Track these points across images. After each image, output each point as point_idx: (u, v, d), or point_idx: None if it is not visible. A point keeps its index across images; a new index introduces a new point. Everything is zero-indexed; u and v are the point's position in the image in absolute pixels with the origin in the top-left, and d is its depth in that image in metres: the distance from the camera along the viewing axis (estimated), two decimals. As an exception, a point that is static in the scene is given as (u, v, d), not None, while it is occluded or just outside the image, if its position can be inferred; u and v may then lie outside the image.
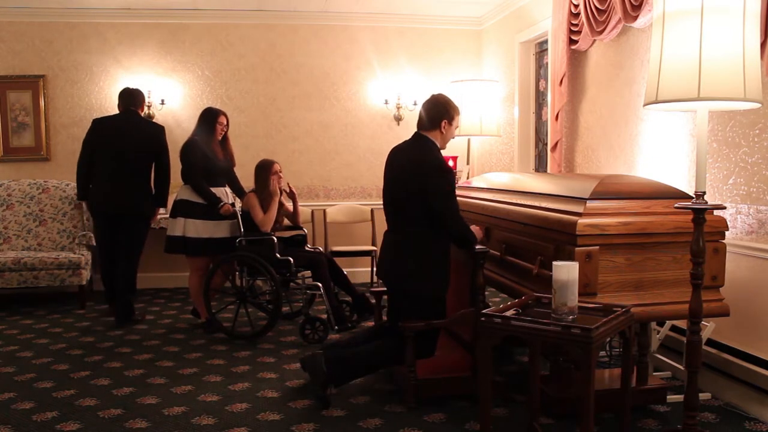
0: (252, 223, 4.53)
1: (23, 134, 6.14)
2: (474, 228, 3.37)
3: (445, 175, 3.18)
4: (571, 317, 2.35)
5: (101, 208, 4.89)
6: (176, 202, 4.63)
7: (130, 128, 4.82)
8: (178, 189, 4.72)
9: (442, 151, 3.32)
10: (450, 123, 3.30)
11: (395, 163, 3.37)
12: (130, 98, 4.90)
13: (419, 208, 3.19)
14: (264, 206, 4.54)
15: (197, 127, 4.71)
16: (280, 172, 4.67)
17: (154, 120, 6.13)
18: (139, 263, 5.09)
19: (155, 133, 4.92)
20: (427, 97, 3.38)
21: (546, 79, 5.48)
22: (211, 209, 4.56)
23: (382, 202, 3.48)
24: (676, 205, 2.55)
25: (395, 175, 3.33)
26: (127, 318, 4.91)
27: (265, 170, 4.63)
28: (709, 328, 3.09)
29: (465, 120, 5.36)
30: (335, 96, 6.48)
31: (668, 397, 3.19)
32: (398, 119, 6.50)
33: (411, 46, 6.56)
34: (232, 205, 4.70)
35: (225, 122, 4.75)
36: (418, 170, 3.18)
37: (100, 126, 4.85)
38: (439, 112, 3.27)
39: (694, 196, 2.44)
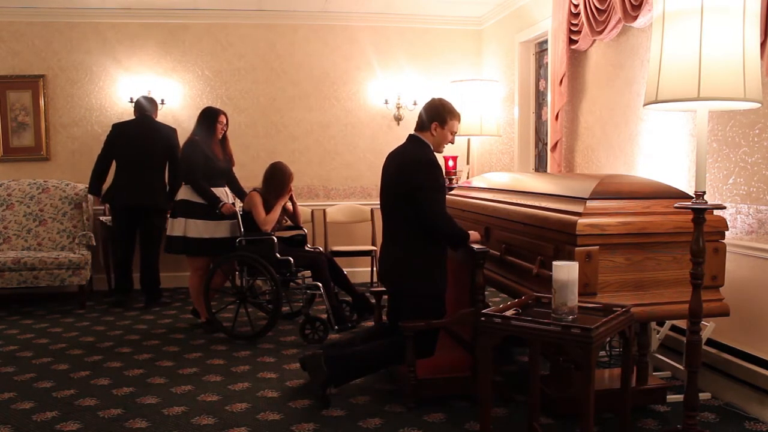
0: (252, 223, 4.53)
1: (23, 134, 6.14)
2: (472, 232, 3.37)
3: (431, 170, 3.19)
4: (571, 317, 2.35)
5: (122, 202, 5.33)
6: (177, 202, 4.64)
7: (145, 130, 5.33)
8: (178, 189, 4.73)
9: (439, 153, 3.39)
10: (441, 126, 3.30)
11: (389, 166, 3.41)
12: (145, 105, 5.41)
13: (410, 208, 3.22)
14: (267, 207, 4.54)
15: (197, 126, 4.71)
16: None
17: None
18: (159, 255, 5.48)
19: (167, 134, 5.38)
20: (429, 98, 3.44)
21: (546, 79, 5.48)
22: (212, 209, 4.56)
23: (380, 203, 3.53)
24: (676, 204, 2.55)
25: (388, 177, 3.38)
26: (155, 299, 5.49)
27: (285, 178, 4.61)
28: (709, 328, 3.09)
29: (465, 120, 5.35)
30: (335, 96, 6.49)
31: (668, 397, 3.19)
32: (398, 119, 6.50)
33: (411, 46, 6.56)
34: (233, 204, 4.70)
35: (225, 121, 4.76)
36: (406, 167, 3.23)
37: (120, 129, 5.36)
38: (430, 115, 3.31)
39: (694, 196, 2.44)
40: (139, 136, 5.29)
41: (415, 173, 3.19)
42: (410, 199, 3.20)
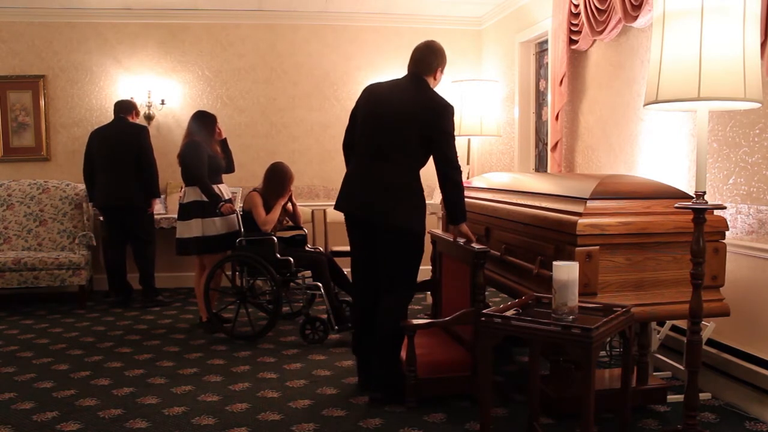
0: (252, 223, 4.53)
1: (23, 134, 6.14)
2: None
3: (452, 117, 3.26)
4: (571, 317, 2.35)
5: (102, 203, 5.44)
6: (187, 205, 4.61)
7: (115, 132, 5.41)
8: (183, 192, 4.71)
9: None
10: (442, 71, 3.40)
11: (392, 99, 3.28)
12: (119, 107, 5.49)
13: (419, 148, 3.22)
14: (267, 207, 4.54)
15: (195, 128, 4.68)
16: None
17: (154, 120, 6.16)
18: (153, 253, 5.55)
19: (135, 132, 5.43)
20: (420, 45, 3.41)
21: (546, 79, 5.48)
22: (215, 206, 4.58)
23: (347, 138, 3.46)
24: (676, 205, 2.55)
25: (394, 111, 3.23)
26: (149, 297, 5.50)
27: (285, 178, 4.61)
28: (709, 328, 3.09)
29: (465, 120, 5.37)
30: (335, 96, 6.48)
31: (668, 397, 3.19)
32: (398, 119, 6.49)
33: (411, 46, 6.46)
34: (230, 201, 4.71)
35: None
36: (436, 111, 3.20)
37: (94, 135, 5.50)
38: (437, 59, 3.37)
39: (694, 196, 2.44)
40: (109, 138, 5.38)
41: (443, 118, 3.21)
42: (429, 140, 3.20)
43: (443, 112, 3.22)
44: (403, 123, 3.21)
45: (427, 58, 3.35)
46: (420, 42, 3.43)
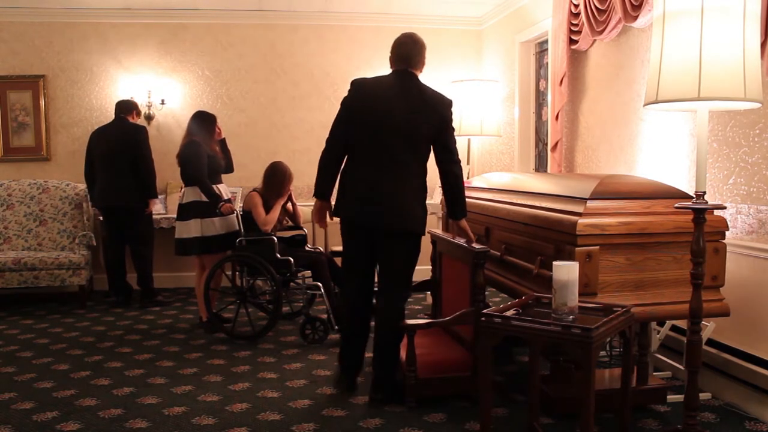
0: (252, 223, 4.53)
1: (23, 134, 6.14)
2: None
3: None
4: (571, 317, 2.35)
5: (100, 203, 5.48)
6: (186, 205, 4.62)
7: (115, 132, 5.41)
8: (183, 192, 4.71)
9: None
10: (424, 64, 3.42)
11: (391, 99, 3.25)
12: (120, 107, 5.50)
13: (424, 147, 3.25)
14: (267, 207, 4.54)
15: (194, 128, 4.68)
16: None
17: (154, 120, 6.16)
18: (151, 254, 5.55)
19: (133, 132, 5.42)
20: (406, 40, 3.38)
21: (546, 79, 5.48)
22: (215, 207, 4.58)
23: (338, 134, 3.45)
24: (676, 205, 2.55)
25: (397, 112, 3.19)
26: (147, 298, 5.50)
27: (284, 177, 4.61)
28: (709, 328, 3.09)
29: (465, 120, 5.37)
30: (335, 96, 6.47)
31: (668, 397, 3.19)
32: (398, 119, 6.49)
33: (411, 46, 6.53)
34: (229, 201, 4.71)
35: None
36: (439, 105, 3.25)
37: (94, 135, 5.52)
38: (422, 51, 3.38)
39: (694, 196, 2.44)
40: (109, 138, 5.38)
41: (448, 114, 3.26)
42: (434, 137, 3.23)
43: (447, 107, 3.28)
44: (408, 123, 3.20)
45: (416, 54, 3.35)
46: (401, 36, 3.41)
